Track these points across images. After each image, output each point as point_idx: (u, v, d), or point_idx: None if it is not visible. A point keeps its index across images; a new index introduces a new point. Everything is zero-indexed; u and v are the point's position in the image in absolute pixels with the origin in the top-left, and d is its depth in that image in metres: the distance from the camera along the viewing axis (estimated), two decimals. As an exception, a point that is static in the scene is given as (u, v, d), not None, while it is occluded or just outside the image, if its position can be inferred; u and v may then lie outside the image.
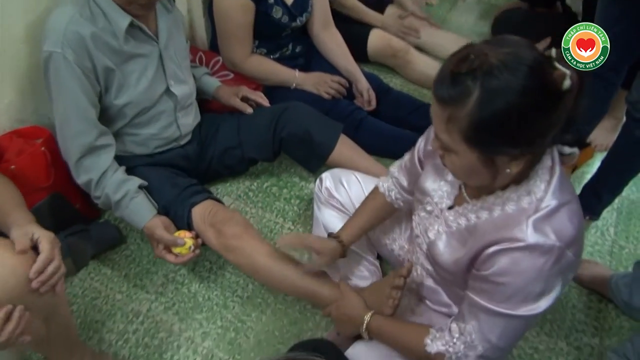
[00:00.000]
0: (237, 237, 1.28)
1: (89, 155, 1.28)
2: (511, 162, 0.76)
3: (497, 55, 0.70)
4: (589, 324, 1.40)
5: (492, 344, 0.84)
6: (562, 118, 0.72)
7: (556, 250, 0.78)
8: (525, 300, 0.81)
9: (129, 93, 1.29)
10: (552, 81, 0.69)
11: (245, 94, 1.61)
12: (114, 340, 1.30)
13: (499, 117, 0.70)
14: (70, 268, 1.41)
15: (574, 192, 0.85)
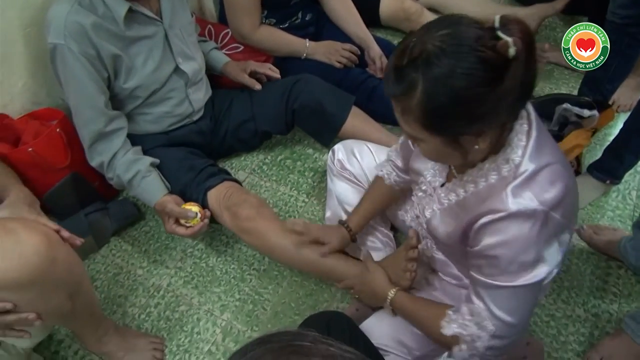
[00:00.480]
0: (251, 219, 1.29)
1: (101, 141, 1.31)
2: (477, 139, 0.76)
3: (435, 41, 0.70)
4: (607, 290, 1.38)
5: (501, 321, 0.84)
6: (515, 85, 0.70)
7: (540, 214, 0.76)
8: (521, 269, 0.80)
9: (137, 76, 1.30)
10: (495, 53, 0.68)
11: (253, 68, 1.59)
12: (136, 314, 1.35)
13: (447, 102, 0.71)
14: (92, 245, 1.46)
15: (558, 153, 0.82)
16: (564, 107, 1.54)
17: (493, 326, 0.84)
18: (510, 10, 2.16)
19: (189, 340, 1.30)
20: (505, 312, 0.83)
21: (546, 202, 0.77)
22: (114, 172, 1.32)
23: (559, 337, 1.29)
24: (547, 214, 0.77)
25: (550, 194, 0.77)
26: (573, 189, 0.82)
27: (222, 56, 1.64)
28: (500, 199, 0.78)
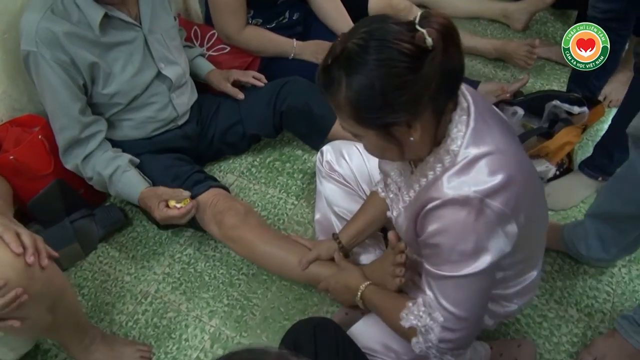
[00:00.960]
0: (235, 228, 1.28)
1: (75, 146, 1.30)
2: (409, 130, 0.78)
3: (355, 39, 0.74)
4: (600, 290, 1.37)
5: (449, 312, 0.84)
6: (434, 74, 0.72)
7: (474, 202, 0.76)
8: (462, 258, 0.80)
9: (116, 82, 1.28)
10: (411, 44, 0.71)
11: (236, 77, 1.58)
12: (124, 321, 1.34)
13: (368, 93, 0.74)
14: (79, 252, 1.44)
15: (504, 143, 0.81)
16: (554, 104, 1.52)
17: (442, 317, 0.85)
18: (501, 5, 2.14)
19: (177, 348, 1.28)
20: (451, 303, 0.84)
21: (481, 190, 0.77)
22: (93, 170, 1.31)
23: (552, 338, 1.28)
24: (483, 201, 0.77)
25: (487, 182, 0.77)
26: (522, 180, 0.81)
27: (207, 64, 1.62)
28: (436, 187, 0.80)
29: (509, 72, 1.98)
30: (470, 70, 1.99)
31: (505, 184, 0.78)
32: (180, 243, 1.49)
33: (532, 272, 1.02)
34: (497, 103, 1.62)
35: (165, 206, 1.26)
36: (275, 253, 1.26)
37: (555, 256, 1.43)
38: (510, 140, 0.84)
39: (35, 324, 0.99)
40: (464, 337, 0.87)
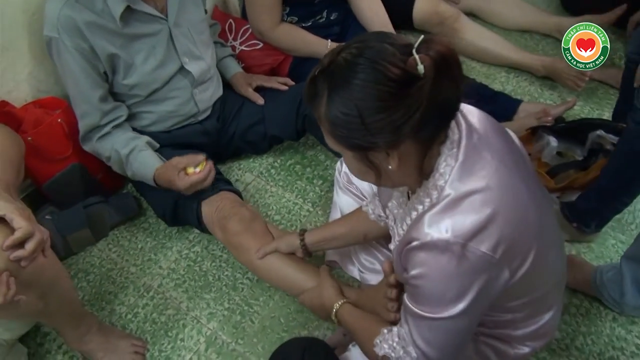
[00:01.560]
0: (237, 235, 1.25)
1: (95, 131, 1.30)
2: (387, 158, 0.73)
3: (345, 53, 0.70)
4: (629, 342, 1.25)
5: (421, 350, 0.80)
6: (419, 103, 0.67)
7: (454, 247, 0.70)
8: (442, 303, 0.75)
9: (137, 74, 1.26)
10: (399, 69, 0.67)
11: (260, 83, 1.55)
12: (124, 313, 1.33)
13: (345, 112, 0.70)
14: (89, 238, 1.44)
15: (494, 177, 0.73)
16: (598, 133, 1.40)
17: (415, 353, 0.81)
18: (556, 20, 2.00)
19: (172, 347, 1.26)
20: (425, 343, 0.79)
21: (462, 235, 0.70)
22: (112, 149, 1.29)
23: (567, 388, 1.18)
24: (465, 246, 0.70)
25: (467, 225, 0.70)
26: (515, 218, 0.73)
27: (234, 66, 1.60)
28: (417, 227, 0.75)
29: (557, 93, 1.85)
30: (515, 87, 1.87)
31: (494, 227, 0.71)
32: (189, 239, 1.47)
33: (547, 314, 0.93)
34: (536, 128, 1.50)
35: (185, 174, 1.23)
36: (275, 266, 1.22)
37: (582, 298, 1.31)
38: (510, 174, 0.76)
39: (25, 309, 0.98)
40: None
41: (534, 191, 0.80)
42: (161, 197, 1.36)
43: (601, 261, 1.40)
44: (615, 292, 1.23)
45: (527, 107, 1.65)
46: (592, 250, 1.42)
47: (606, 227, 1.45)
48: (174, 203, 1.34)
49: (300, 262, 1.24)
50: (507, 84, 1.89)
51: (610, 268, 1.25)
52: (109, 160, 1.33)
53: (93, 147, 1.32)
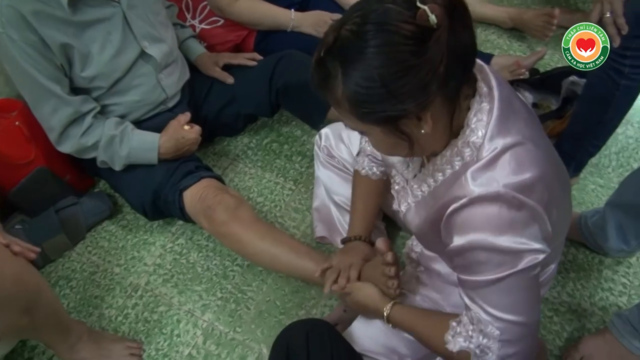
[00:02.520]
0: (225, 224, 1.21)
1: (73, 125, 1.21)
2: (420, 123, 0.69)
3: (348, 25, 0.65)
4: (616, 281, 1.29)
5: (505, 321, 0.73)
6: (440, 55, 0.63)
7: (505, 197, 0.68)
8: (503, 259, 0.71)
9: (95, 64, 1.18)
10: (412, 24, 0.62)
11: (226, 61, 1.48)
12: (113, 316, 1.28)
13: (368, 85, 0.65)
14: (66, 243, 1.38)
15: (532, 131, 0.72)
16: (571, 79, 1.40)
17: (497, 330, 0.74)
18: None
19: (169, 344, 1.23)
20: (504, 311, 0.73)
21: (512, 185, 0.68)
22: (101, 134, 1.22)
23: (563, 334, 1.21)
24: (515, 197, 0.68)
25: (515, 177, 0.68)
26: (552, 173, 0.73)
27: (197, 47, 1.52)
28: (461, 185, 0.71)
29: (525, 44, 1.84)
30: (483, 41, 1.85)
31: (537, 179, 0.69)
32: (172, 232, 1.43)
33: (552, 265, 0.94)
34: (511, 82, 1.49)
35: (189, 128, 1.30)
36: (265, 249, 1.19)
37: (569, 245, 1.34)
38: (537, 128, 0.75)
39: (9, 327, 0.93)
40: (527, 347, 0.76)
41: (549, 143, 0.79)
42: (139, 191, 1.30)
43: (583, 207, 1.43)
44: (599, 236, 1.25)
45: (498, 60, 1.63)
46: (573, 197, 1.44)
47: (584, 173, 1.48)
48: (153, 196, 1.29)
49: (295, 243, 1.21)
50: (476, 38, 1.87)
51: (594, 213, 1.27)
52: (96, 146, 1.24)
53: (76, 144, 1.22)
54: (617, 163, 1.51)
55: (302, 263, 1.19)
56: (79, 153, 1.26)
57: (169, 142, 1.27)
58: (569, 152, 1.34)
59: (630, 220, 1.15)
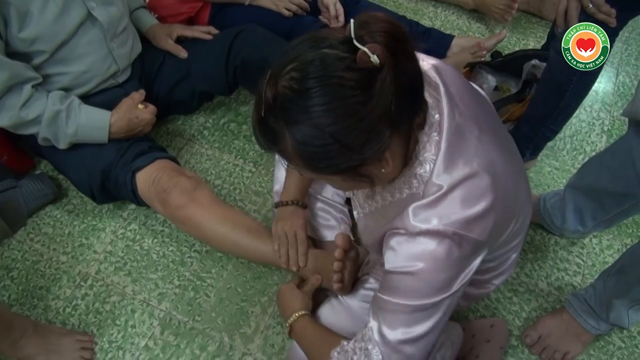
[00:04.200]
0: (182, 208, 1.14)
1: (10, 94, 1.08)
2: (380, 164, 0.65)
3: (284, 81, 0.60)
4: (571, 262, 1.33)
5: (392, 346, 0.72)
6: (388, 95, 0.59)
7: (446, 235, 0.66)
8: (427, 292, 0.70)
9: (35, 24, 1.05)
10: (353, 71, 0.58)
11: (180, 33, 1.39)
12: (61, 308, 1.19)
13: (317, 143, 0.60)
14: (4, 230, 1.26)
15: (479, 154, 0.69)
16: (533, 63, 1.41)
17: (381, 354, 0.72)
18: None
19: (123, 336, 1.16)
20: (399, 337, 0.71)
21: (452, 223, 0.66)
22: (44, 107, 1.10)
23: (521, 314, 1.23)
24: (456, 234, 0.66)
25: (461, 214, 0.66)
26: (505, 196, 0.70)
27: (149, 17, 1.41)
28: (402, 218, 0.70)
29: (484, 25, 1.84)
30: (444, 22, 1.84)
31: (484, 212, 0.67)
32: (123, 217, 1.34)
33: (513, 255, 0.95)
34: (473, 64, 1.49)
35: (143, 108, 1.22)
36: (226, 233, 1.14)
37: (526, 227, 1.37)
38: (489, 147, 0.71)
39: None
40: None
41: (507, 152, 0.76)
42: (86, 172, 1.21)
43: (540, 189, 1.46)
44: (557, 218, 1.28)
45: (459, 41, 1.63)
46: (530, 179, 1.47)
47: (541, 156, 1.51)
48: (101, 177, 1.19)
49: (257, 226, 1.17)
50: (435, 19, 1.86)
51: (553, 195, 1.29)
52: (38, 121, 1.12)
53: (14, 117, 1.09)
54: (571, 146, 1.55)
55: (265, 247, 1.15)
56: (16, 127, 1.13)
57: (121, 122, 1.18)
58: (527, 135, 1.36)
59: (589, 203, 1.18)
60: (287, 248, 1.12)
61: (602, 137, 1.58)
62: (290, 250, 1.12)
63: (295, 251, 1.12)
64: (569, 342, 1.15)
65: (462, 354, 1.13)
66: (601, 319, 1.11)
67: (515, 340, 1.19)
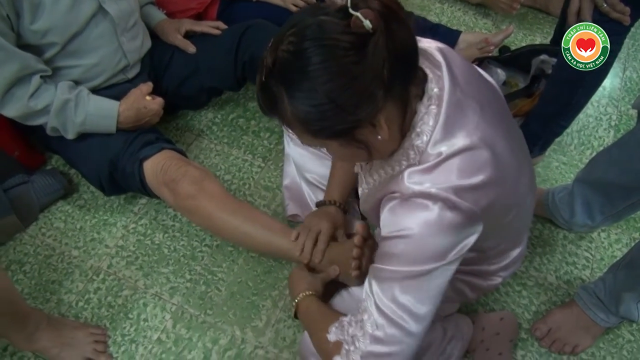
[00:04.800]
0: (192, 197, 1.14)
1: (18, 85, 1.09)
2: (375, 129, 0.67)
3: (284, 45, 0.63)
4: (579, 255, 1.33)
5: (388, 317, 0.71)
6: (381, 60, 0.62)
7: (438, 198, 0.67)
8: (418, 259, 0.70)
9: (47, 15, 1.06)
10: (348, 34, 0.61)
11: (189, 28, 1.39)
12: (73, 301, 1.20)
13: (315, 103, 0.63)
14: (17, 225, 1.27)
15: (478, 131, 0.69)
16: (541, 58, 1.41)
17: (376, 325, 0.72)
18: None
19: (135, 329, 1.17)
20: (394, 308, 0.71)
21: (445, 188, 0.67)
22: (52, 97, 1.11)
23: (531, 307, 1.24)
24: (448, 199, 0.67)
25: (459, 181, 0.68)
26: (504, 177, 0.71)
27: (157, 13, 1.42)
28: (397, 181, 0.72)
29: (490, 20, 1.85)
30: (450, 18, 1.84)
31: (481, 185, 0.68)
32: (134, 212, 1.35)
33: (518, 248, 0.96)
34: (482, 59, 1.49)
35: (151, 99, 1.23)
36: (237, 225, 1.14)
37: (535, 221, 1.37)
38: (491, 129, 0.71)
39: None
40: (398, 354, 0.72)
41: (512, 139, 0.77)
42: (94, 162, 1.21)
43: (547, 184, 1.47)
44: (565, 212, 1.29)
45: (466, 37, 1.63)
46: (538, 174, 1.48)
47: (548, 151, 1.51)
48: (109, 167, 1.20)
49: (269, 220, 1.17)
50: (442, 15, 1.86)
51: (562, 189, 1.30)
52: (47, 111, 1.13)
53: (23, 107, 1.10)
54: (578, 141, 1.56)
55: (277, 240, 1.15)
56: (25, 118, 1.14)
57: (129, 111, 1.19)
58: (536, 132, 1.36)
59: (597, 197, 1.19)
60: (305, 238, 1.11)
61: (609, 132, 1.58)
62: (308, 242, 1.10)
63: (312, 244, 1.10)
64: (578, 335, 1.16)
65: (472, 347, 1.13)
66: (611, 312, 1.12)
67: (525, 333, 1.20)
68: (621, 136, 1.13)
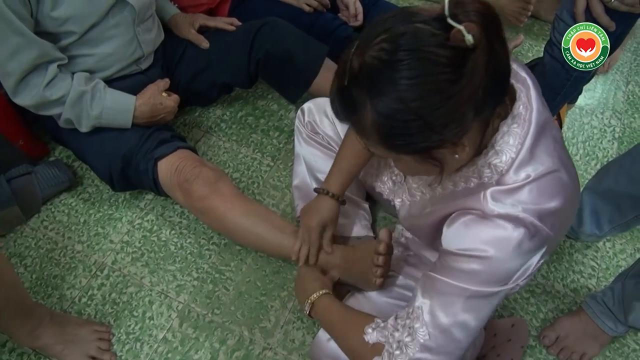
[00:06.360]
0: (204, 199, 1.12)
1: (34, 73, 1.06)
2: (454, 149, 0.64)
3: (373, 51, 0.59)
4: (586, 264, 1.34)
5: (442, 329, 0.72)
6: (479, 78, 0.58)
7: (523, 222, 0.67)
8: (488, 280, 0.70)
9: (67, 3, 1.03)
10: (447, 48, 0.56)
11: (203, 23, 1.37)
12: (76, 297, 1.17)
13: (400, 117, 0.59)
14: (18, 216, 1.23)
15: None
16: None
17: (428, 335, 0.72)
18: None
19: (140, 327, 1.14)
20: (450, 321, 0.71)
21: (532, 211, 0.67)
22: (68, 88, 1.08)
23: (539, 314, 1.24)
24: (533, 224, 0.66)
25: (540, 205, 0.67)
26: (573, 199, 0.72)
27: (171, 7, 1.40)
28: (478, 199, 0.69)
29: (498, 30, 1.86)
30: (458, 25, 1.85)
31: (560, 209, 0.68)
32: (140, 207, 1.31)
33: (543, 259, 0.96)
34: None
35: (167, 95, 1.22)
36: (249, 227, 1.13)
37: (542, 229, 1.38)
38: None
39: None
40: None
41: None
42: (107, 156, 1.18)
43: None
44: (574, 221, 1.29)
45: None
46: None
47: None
48: (122, 162, 1.17)
49: (280, 221, 1.16)
50: (450, 23, 1.87)
51: None
52: (62, 102, 1.10)
53: (38, 96, 1.07)
54: (584, 152, 1.57)
55: (288, 241, 1.13)
56: (39, 107, 1.11)
57: (145, 106, 1.17)
58: None
59: (607, 206, 1.20)
60: (307, 249, 1.08)
61: (613, 144, 1.60)
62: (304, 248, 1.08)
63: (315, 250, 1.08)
64: (586, 343, 1.16)
65: (484, 352, 1.13)
66: (619, 321, 1.13)
67: (533, 340, 1.20)
68: (633, 146, 1.14)
